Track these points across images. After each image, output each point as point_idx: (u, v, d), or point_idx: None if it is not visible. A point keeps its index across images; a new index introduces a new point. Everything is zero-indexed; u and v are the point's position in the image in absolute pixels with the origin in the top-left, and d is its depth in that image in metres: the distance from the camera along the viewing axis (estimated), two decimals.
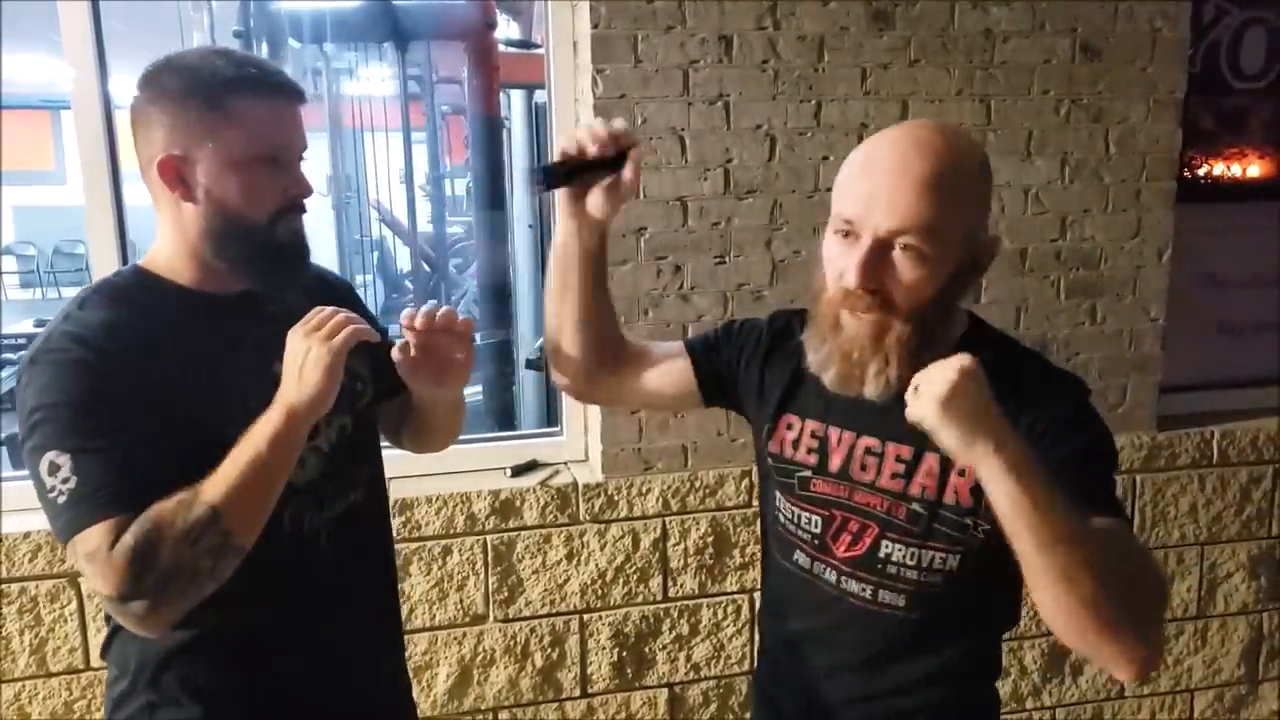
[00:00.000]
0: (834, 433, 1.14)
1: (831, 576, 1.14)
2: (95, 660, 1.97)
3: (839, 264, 1.04)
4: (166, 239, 1.12)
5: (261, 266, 1.12)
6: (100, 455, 1.00)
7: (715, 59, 2.03)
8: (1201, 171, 2.58)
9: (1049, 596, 0.89)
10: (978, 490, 1.00)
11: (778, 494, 1.20)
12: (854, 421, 1.12)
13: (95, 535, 0.98)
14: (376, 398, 1.31)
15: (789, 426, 1.18)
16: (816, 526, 1.15)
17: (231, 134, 1.05)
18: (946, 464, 1.05)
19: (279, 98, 1.09)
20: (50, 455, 0.99)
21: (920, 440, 1.01)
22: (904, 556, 1.09)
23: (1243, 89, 2.54)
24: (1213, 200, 2.58)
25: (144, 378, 1.03)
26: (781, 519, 1.20)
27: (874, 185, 1.00)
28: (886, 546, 1.10)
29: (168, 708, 1.12)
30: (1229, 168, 2.62)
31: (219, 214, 1.07)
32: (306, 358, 1.03)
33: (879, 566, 1.11)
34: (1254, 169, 2.64)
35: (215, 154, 1.05)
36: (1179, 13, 2.22)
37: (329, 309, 1.07)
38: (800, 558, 1.18)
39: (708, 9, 2.00)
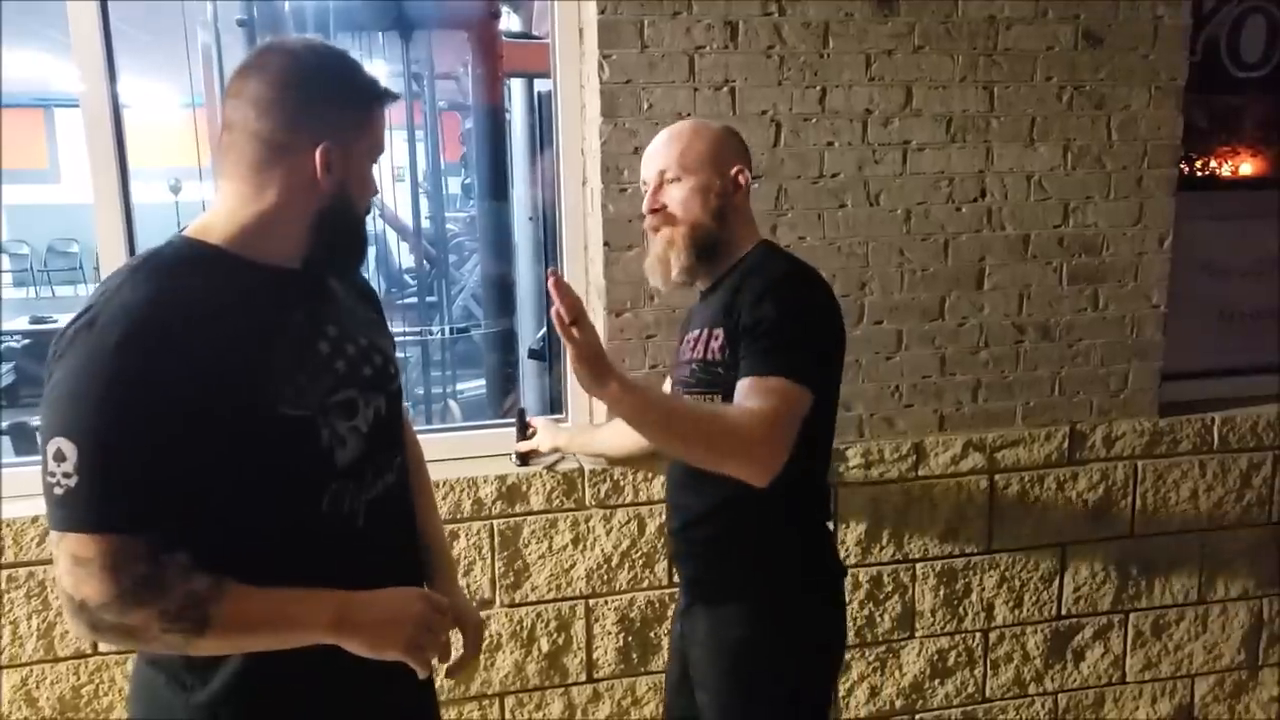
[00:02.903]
0: (685, 337, 1.62)
1: None
2: (103, 645, 1.97)
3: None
4: (252, 210, 1.11)
5: (346, 253, 1.21)
6: (110, 462, 0.98)
7: (721, 45, 2.04)
8: (1197, 170, 2.61)
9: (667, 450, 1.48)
10: (724, 349, 1.47)
11: None
12: (688, 325, 1.64)
13: (88, 544, 0.98)
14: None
15: (677, 347, 1.68)
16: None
17: (371, 136, 1.17)
18: (711, 333, 1.50)
19: (389, 105, 1.20)
20: (59, 440, 0.98)
21: (703, 323, 1.54)
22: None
23: (1243, 78, 2.56)
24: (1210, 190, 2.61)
25: (192, 359, 1.01)
26: None
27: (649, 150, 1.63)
28: (684, 397, 1.55)
29: (200, 672, 1.11)
30: (1221, 166, 2.65)
31: (344, 201, 1.15)
32: (396, 627, 1.08)
33: None
34: (1246, 167, 2.66)
35: (359, 150, 1.16)
36: (1180, 0, 2.24)
37: (448, 622, 1.15)
38: None
39: None
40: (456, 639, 1.30)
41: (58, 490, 0.99)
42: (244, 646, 1.07)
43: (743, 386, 1.39)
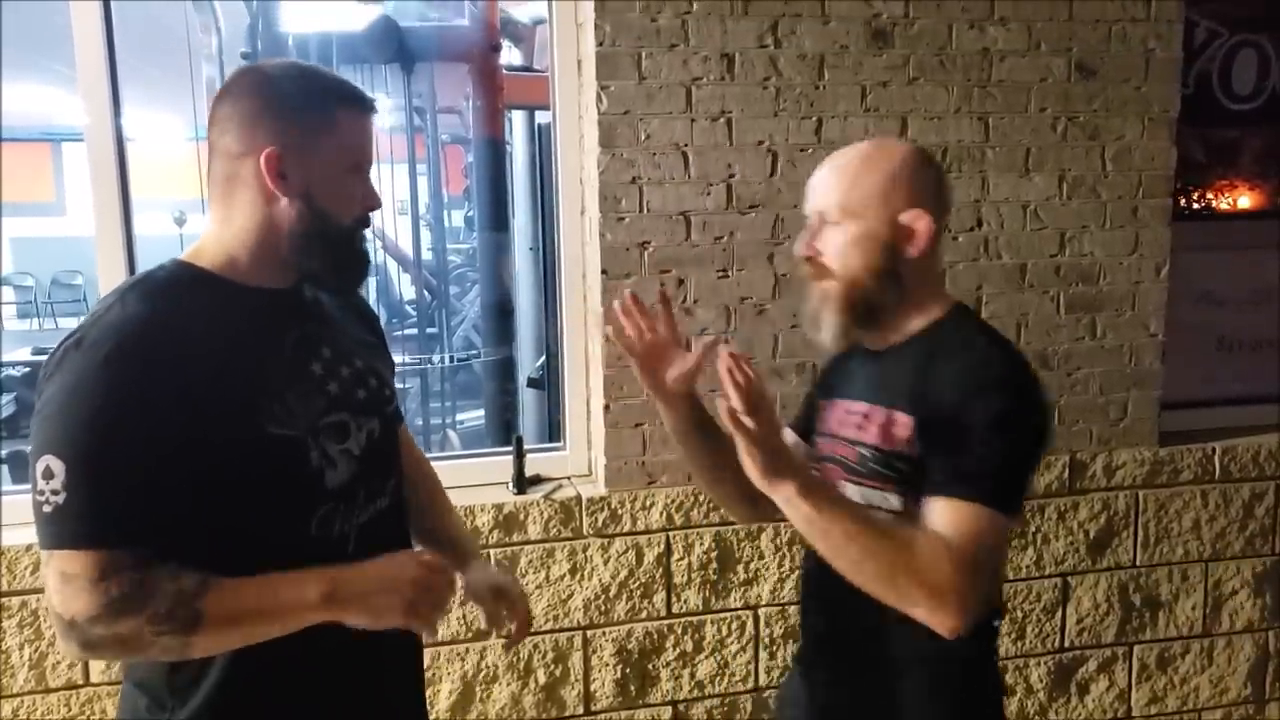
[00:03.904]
0: (836, 402, 1.36)
1: None
2: (95, 676, 1.95)
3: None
4: (230, 232, 1.12)
5: (335, 268, 1.16)
6: (99, 478, 0.98)
7: (718, 76, 2.06)
8: (1195, 202, 2.63)
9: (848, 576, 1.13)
10: (910, 441, 1.21)
11: None
12: (845, 390, 1.35)
13: (77, 561, 0.98)
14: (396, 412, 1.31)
15: (820, 409, 1.41)
16: None
17: (335, 140, 1.12)
18: (890, 415, 1.24)
19: (366, 111, 1.16)
20: (48, 458, 0.98)
21: (876, 397, 1.27)
22: (855, 495, 1.25)
23: (1236, 110, 2.58)
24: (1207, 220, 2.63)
25: (179, 377, 1.01)
26: None
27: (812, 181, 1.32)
28: (845, 488, 1.27)
29: (181, 693, 1.10)
30: (1219, 198, 2.67)
31: (312, 212, 1.11)
32: (389, 595, 1.05)
33: None
34: (1244, 200, 2.68)
35: (321, 156, 1.11)
36: (1171, 34, 2.27)
37: (447, 583, 1.09)
38: None
39: (710, 27, 2.04)
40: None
41: (46, 508, 0.98)
42: (242, 638, 1.04)
43: (938, 508, 1.14)
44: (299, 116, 1.10)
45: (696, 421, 1.33)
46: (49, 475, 0.98)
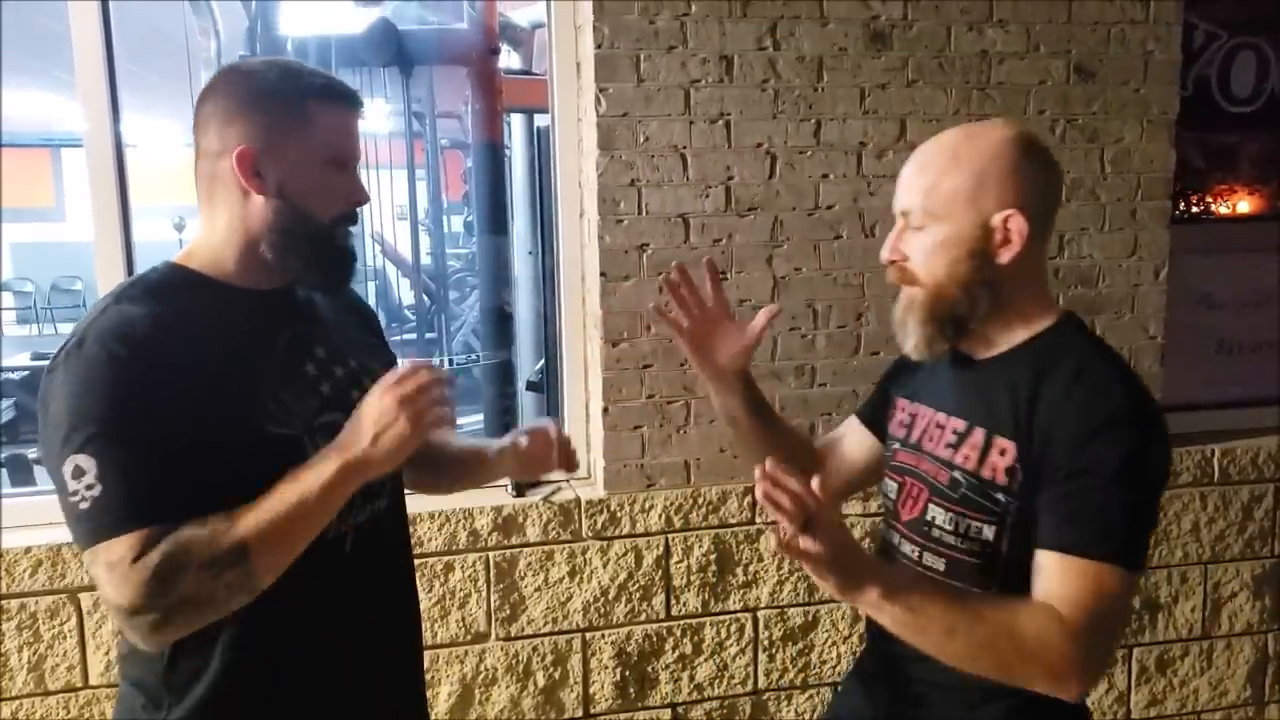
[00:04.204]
0: (921, 409, 1.25)
1: (896, 540, 1.24)
2: (95, 679, 1.95)
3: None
4: (216, 233, 1.13)
5: (317, 265, 1.15)
6: (128, 462, 0.99)
7: (716, 78, 2.06)
8: (1194, 207, 2.63)
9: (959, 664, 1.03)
10: (1012, 471, 1.10)
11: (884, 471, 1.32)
12: (933, 398, 1.23)
13: (119, 546, 0.98)
14: None
15: (897, 408, 1.31)
16: (893, 493, 1.26)
17: (310, 135, 1.10)
18: (990, 440, 1.12)
19: (349, 106, 1.15)
20: (76, 458, 0.98)
21: (973, 415, 1.15)
22: (944, 521, 1.16)
23: (1235, 113, 2.59)
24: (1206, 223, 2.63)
25: (180, 375, 1.02)
26: (881, 492, 1.32)
27: (900, 175, 1.20)
28: (932, 510, 1.18)
29: (177, 692, 1.10)
30: (1218, 202, 2.67)
31: (289, 209, 1.10)
32: (387, 425, 1.03)
33: (925, 529, 1.18)
34: (1243, 204, 2.68)
35: (295, 152, 1.10)
36: (1170, 36, 2.27)
37: (422, 374, 1.06)
38: (882, 525, 1.31)
39: (709, 29, 2.04)
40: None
41: (84, 505, 0.98)
42: (295, 543, 1.03)
43: (1052, 564, 1.03)
44: (272, 112, 1.09)
45: (751, 403, 1.28)
46: (79, 474, 0.98)
